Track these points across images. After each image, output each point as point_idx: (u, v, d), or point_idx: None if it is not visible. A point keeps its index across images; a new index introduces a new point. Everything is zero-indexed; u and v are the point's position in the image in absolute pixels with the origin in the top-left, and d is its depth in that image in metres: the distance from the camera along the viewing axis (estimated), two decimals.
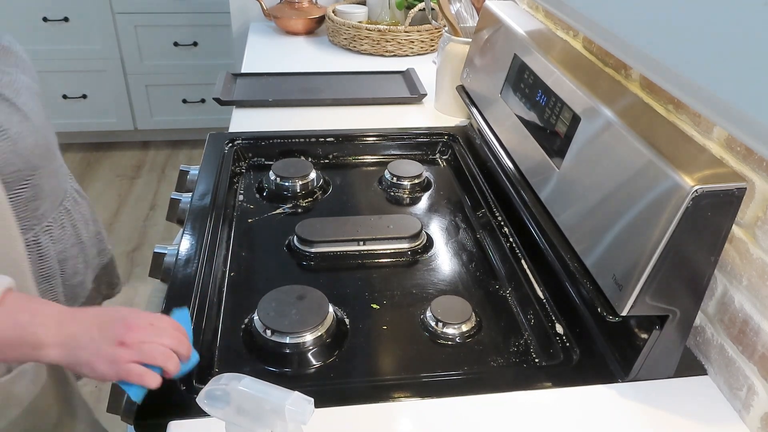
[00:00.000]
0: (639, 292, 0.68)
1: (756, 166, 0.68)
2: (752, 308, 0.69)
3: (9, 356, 0.63)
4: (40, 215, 0.88)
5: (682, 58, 0.46)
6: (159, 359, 0.63)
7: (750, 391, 0.70)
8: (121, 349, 0.61)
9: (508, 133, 1.07)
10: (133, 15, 2.83)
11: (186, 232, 0.97)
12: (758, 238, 0.68)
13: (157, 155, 3.15)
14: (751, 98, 0.39)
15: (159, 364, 0.63)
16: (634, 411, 0.72)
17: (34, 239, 0.88)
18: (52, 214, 0.91)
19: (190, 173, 1.16)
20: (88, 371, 0.62)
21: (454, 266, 0.98)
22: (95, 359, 0.61)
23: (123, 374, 0.61)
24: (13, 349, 0.61)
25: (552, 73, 0.94)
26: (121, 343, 0.61)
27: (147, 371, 0.62)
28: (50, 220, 0.91)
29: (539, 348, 0.82)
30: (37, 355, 0.61)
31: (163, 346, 0.63)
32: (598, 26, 0.58)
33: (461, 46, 1.35)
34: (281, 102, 1.46)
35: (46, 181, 0.87)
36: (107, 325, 0.62)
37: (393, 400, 0.72)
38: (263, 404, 0.52)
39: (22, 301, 0.62)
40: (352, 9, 1.98)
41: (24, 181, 0.81)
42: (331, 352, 0.79)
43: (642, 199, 0.68)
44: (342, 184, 1.20)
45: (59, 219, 0.93)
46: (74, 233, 0.97)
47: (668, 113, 0.83)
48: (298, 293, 0.84)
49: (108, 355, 0.61)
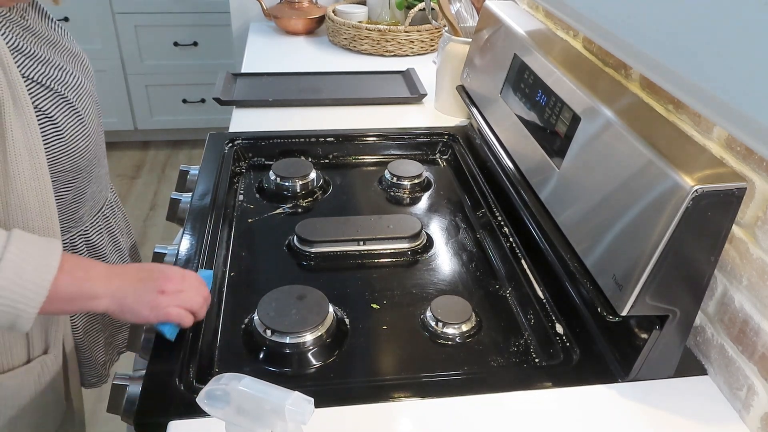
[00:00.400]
0: (639, 292, 0.68)
1: (756, 166, 0.68)
2: (752, 308, 0.69)
3: (68, 308, 0.74)
4: (77, 218, 0.89)
5: (682, 58, 0.46)
6: (193, 306, 0.76)
7: (750, 391, 0.70)
8: (161, 297, 0.73)
9: (508, 133, 1.07)
10: (133, 15, 2.84)
11: (186, 232, 0.97)
12: (758, 238, 0.68)
13: (157, 155, 3.15)
14: (751, 98, 0.39)
15: (193, 310, 0.76)
16: (634, 411, 0.72)
17: (71, 241, 0.89)
18: (90, 219, 0.92)
19: (190, 173, 1.16)
20: (131, 317, 0.73)
21: (454, 266, 0.98)
22: (139, 306, 0.73)
23: (163, 317, 0.73)
24: (73, 302, 0.71)
25: (552, 73, 0.94)
26: (162, 291, 0.74)
27: (184, 313, 0.75)
28: (88, 225, 0.92)
29: (539, 348, 0.82)
30: (91, 305, 0.72)
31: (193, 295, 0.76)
32: (598, 26, 0.58)
33: (461, 46, 1.35)
34: (281, 102, 1.46)
35: (89, 186, 0.89)
36: (147, 279, 0.74)
37: (393, 400, 0.72)
38: (263, 404, 0.52)
39: (75, 260, 0.72)
40: (352, 9, 1.98)
41: (69, 183, 0.83)
42: (331, 352, 0.79)
43: (642, 199, 0.68)
44: (342, 184, 1.20)
45: (97, 225, 0.94)
46: (111, 241, 0.99)
47: (668, 113, 0.83)
48: (298, 293, 0.84)
49: (150, 301, 0.73)
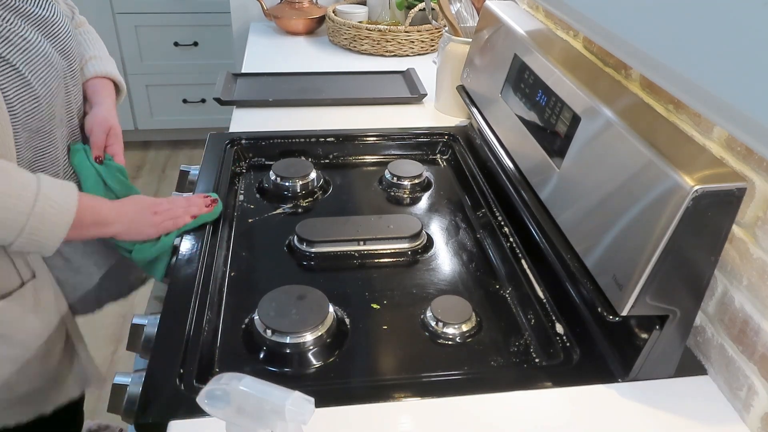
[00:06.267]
0: (639, 292, 0.68)
1: (756, 166, 0.68)
2: (752, 308, 0.69)
3: (85, 233, 0.89)
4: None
5: (682, 58, 0.46)
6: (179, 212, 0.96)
7: (750, 391, 0.70)
8: (156, 216, 0.94)
9: (508, 133, 1.07)
10: (133, 15, 2.84)
11: (186, 232, 0.97)
12: (758, 238, 0.68)
13: (157, 155, 3.15)
14: (751, 98, 0.39)
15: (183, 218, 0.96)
16: (634, 411, 0.72)
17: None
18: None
19: (191, 173, 1.16)
20: (137, 235, 0.94)
21: (454, 266, 0.98)
22: (142, 227, 0.93)
23: (162, 230, 0.94)
24: (89, 227, 0.88)
25: (552, 73, 0.94)
26: (155, 213, 0.95)
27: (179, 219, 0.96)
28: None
29: (539, 348, 0.82)
30: (104, 230, 0.90)
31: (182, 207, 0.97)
32: (598, 26, 0.58)
33: (461, 46, 1.35)
34: (281, 102, 1.46)
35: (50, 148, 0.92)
36: (144, 207, 0.95)
37: (393, 400, 0.72)
38: (263, 404, 0.52)
39: (87, 196, 0.90)
40: (352, 9, 1.98)
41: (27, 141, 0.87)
42: (331, 352, 0.79)
43: (642, 199, 0.68)
44: (342, 184, 1.20)
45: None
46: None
47: (668, 113, 0.83)
48: (298, 293, 0.84)
49: (149, 221, 0.94)
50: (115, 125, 1.05)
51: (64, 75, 0.94)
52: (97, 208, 0.90)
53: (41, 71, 0.87)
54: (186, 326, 0.79)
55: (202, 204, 0.98)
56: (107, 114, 1.04)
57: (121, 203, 0.94)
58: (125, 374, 0.77)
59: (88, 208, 0.87)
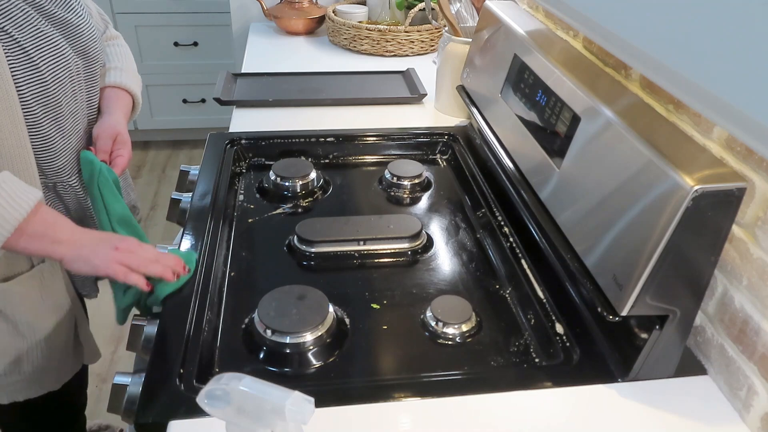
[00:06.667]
0: (639, 292, 0.68)
1: (756, 166, 0.68)
2: (752, 308, 0.69)
3: (31, 247, 0.82)
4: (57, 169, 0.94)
5: (682, 58, 0.46)
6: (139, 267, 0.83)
7: (750, 391, 0.70)
8: (114, 252, 0.83)
9: (508, 133, 1.07)
10: (133, 15, 2.83)
11: (186, 232, 0.97)
12: (758, 238, 0.68)
13: (157, 155, 3.15)
14: (751, 98, 0.39)
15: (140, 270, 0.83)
16: (634, 411, 0.72)
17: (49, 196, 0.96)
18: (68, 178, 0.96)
19: (191, 173, 1.16)
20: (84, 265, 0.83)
21: (454, 266, 0.98)
22: (92, 256, 0.82)
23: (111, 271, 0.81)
24: (37, 240, 0.81)
25: (552, 73, 0.94)
26: (116, 248, 0.83)
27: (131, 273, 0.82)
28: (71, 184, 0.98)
29: (539, 348, 0.82)
30: (51, 249, 0.82)
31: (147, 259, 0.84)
32: (598, 26, 0.58)
33: (461, 46, 1.35)
34: (281, 102, 1.46)
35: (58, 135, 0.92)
36: (107, 238, 0.86)
37: (393, 400, 0.72)
38: (263, 404, 0.52)
39: (48, 209, 0.84)
40: (352, 9, 1.98)
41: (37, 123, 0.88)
42: (331, 352, 0.79)
43: (642, 199, 0.68)
44: (342, 184, 1.20)
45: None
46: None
47: (668, 113, 0.83)
48: (298, 293, 0.84)
49: (103, 254, 0.82)
50: (123, 132, 1.04)
51: (82, 75, 0.95)
52: (56, 224, 0.84)
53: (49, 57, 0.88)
54: (186, 326, 0.79)
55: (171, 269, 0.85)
56: (115, 122, 1.04)
57: (84, 230, 0.86)
58: (125, 374, 0.77)
59: (45, 220, 0.82)
